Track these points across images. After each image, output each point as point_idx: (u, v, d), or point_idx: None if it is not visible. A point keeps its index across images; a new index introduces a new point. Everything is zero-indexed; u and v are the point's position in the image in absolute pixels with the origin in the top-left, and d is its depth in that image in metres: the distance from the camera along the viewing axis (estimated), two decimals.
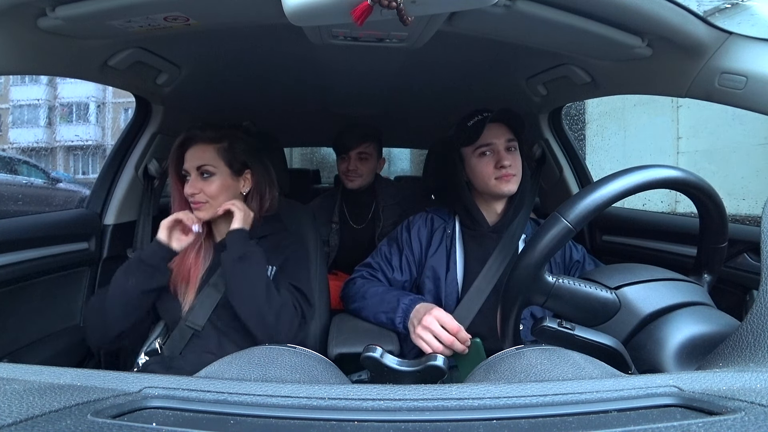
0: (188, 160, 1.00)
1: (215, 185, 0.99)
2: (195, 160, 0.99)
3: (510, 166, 1.02)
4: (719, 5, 1.96)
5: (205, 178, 0.99)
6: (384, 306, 1.00)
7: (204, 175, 0.99)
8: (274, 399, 0.34)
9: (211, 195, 0.98)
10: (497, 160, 1.03)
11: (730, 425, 0.27)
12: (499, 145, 1.03)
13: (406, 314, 0.96)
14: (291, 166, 3.16)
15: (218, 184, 0.99)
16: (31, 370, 0.37)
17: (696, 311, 0.61)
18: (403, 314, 0.97)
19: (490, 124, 1.02)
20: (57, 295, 1.14)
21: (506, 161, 1.02)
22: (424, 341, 0.89)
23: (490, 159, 1.04)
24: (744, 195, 3.27)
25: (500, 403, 0.33)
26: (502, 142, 1.04)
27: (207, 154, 0.99)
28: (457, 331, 0.89)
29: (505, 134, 1.04)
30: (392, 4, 0.54)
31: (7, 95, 13.84)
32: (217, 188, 0.99)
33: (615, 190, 0.62)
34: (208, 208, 0.99)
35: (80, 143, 13.89)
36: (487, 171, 1.04)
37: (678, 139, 4.94)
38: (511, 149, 1.05)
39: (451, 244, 1.09)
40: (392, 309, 0.98)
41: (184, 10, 0.75)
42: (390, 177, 2.58)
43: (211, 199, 0.99)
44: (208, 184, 0.99)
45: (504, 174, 1.03)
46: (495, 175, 1.03)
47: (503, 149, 1.04)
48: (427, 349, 0.89)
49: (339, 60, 1.13)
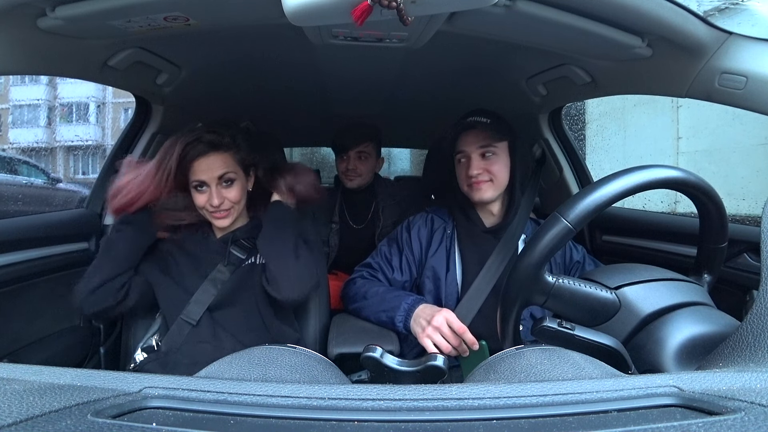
0: (205, 170, 0.95)
1: (237, 190, 0.99)
2: (216, 169, 0.95)
3: (479, 174, 1.03)
4: (719, 5, 1.96)
5: (227, 186, 0.98)
6: (384, 305, 1.00)
7: (225, 183, 0.97)
8: (274, 399, 0.34)
9: (235, 201, 0.99)
10: (467, 167, 1.04)
11: (730, 425, 0.27)
12: (470, 152, 1.04)
13: (408, 314, 0.96)
14: None
15: (239, 187, 1.00)
16: (31, 370, 0.37)
17: (696, 311, 0.61)
18: (405, 314, 0.96)
19: (465, 131, 1.03)
20: (57, 295, 1.14)
21: (474, 170, 1.03)
22: (432, 342, 0.90)
23: (464, 166, 1.06)
24: (744, 195, 3.27)
25: (500, 403, 0.33)
26: (474, 149, 1.04)
27: (227, 161, 0.97)
28: (464, 332, 0.90)
29: (479, 141, 1.04)
30: (392, 4, 0.54)
31: (7, 95, 13.85)
32: (239, 193, 1.00)
33: (615, 191, 0.62)
34: (233, 213, 1.00)
35: (80, 143, 13.88)
36: (463, 178, 1.06)
37: (678, 140, 4.94)
38: (487, 155, 1.04)
39: (450, 244, 1.09)
40: (393, 308, 0.98)
41: (184, 10, 0.75)
42: (390, 177, 2.58)
43: (236, 205, 0.99)
44: (231, 190, 0.98)
45: (473, 182, 1.03)
46: (467, 182, 1.05)
47: (477, 156, 1.04)
48: (434, 350, 0.89)
49: (339, 60, 1.13)
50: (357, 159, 1.58)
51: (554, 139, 1.54)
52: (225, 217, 0.98)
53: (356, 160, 1.58)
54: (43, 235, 1.06)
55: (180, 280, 1.01)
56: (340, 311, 1.15)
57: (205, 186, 0.96)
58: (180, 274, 1.01)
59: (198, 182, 0.96)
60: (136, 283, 0.98)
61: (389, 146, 2.89)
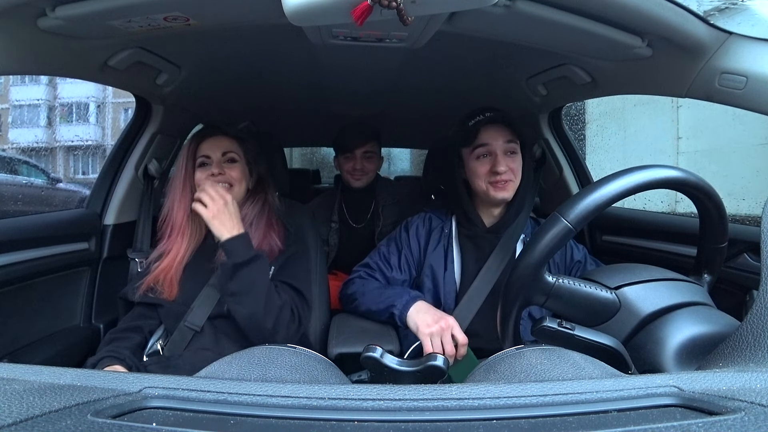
0: (211, 147, 1.03)
1: (238, 171, 1.03)
2: (220, 147, 1.03)
3: (505, 172, 0.99)
4: (719, 5, 1.96)
5: (230, 164, 1.02)
6: (383, 297, 1.00)
7: (228, 161, 1.02)
8: (274, 399, 0.34)
9: (235, 179, 1.02)
10: (493, 164, 1.00)
11: (730, 425, 0.27)
12: (497, 147, 1.00)
13: (407, 306, 0.95)
14: (291, 166, 3.16)
15: (240, 170, 1.03)
16: (31, 370, 0.37)
17: (696, 311, 0.61)
18: (404, 305, 0.95)
19: (489, 125, 1.00)
20: (57, 295, 1.14)
21: (501, 166, 0.99)
22: (431, 343, 0.89)
23: (487, 162, 1.01)
24: (744, 195, 3.27)
25: (500, 403, 0.33)
26: (500, 144, 1.00)
27: (231, 143, 1.04)
28: (464, 345, 0.90)
29: (505, 135, 1.01)
30: (392, 4, 0.54)
31: (7, 95, 13.83)
32: (239, 174, 1.03)
33: (615, 190, 0.62)
34: (230, 191, 1.00)
35: (80, 143, 13.87)
36: (482, 174, 1.02)
37: (678, 140, 4.94)
38: (511, 152, 1.02)
39: (448, 243, 1.09)
40: (392, 298, 0.97)
41: (184, 10, 0.75)
42: (390, 177, 2.58)
43: (235, 183, 1.02)
44: (233, 168, 1.02)
45: (498, 180, 1.00)
46: (489, 179, 1.01)
47: (501, 152, 1.00)
48: (430, 349, 0.89)
49: (339, 60, 1.13)
50: (364, 158, 1.58)
51: (554, 139, 1.54)
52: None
53: (363, 160, 1.58)
54: (43, 235, 1.06)
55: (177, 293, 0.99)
56: (340, 311, 1.15)
57: (209, 161, 1.02)
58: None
59: (203, 157, 1.02)
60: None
61: (389, 146, 2.89)
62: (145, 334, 0.99)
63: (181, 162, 1.04)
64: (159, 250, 1.02)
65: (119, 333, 0.98)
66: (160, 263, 1.00)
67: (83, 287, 1.22)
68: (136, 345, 0.97)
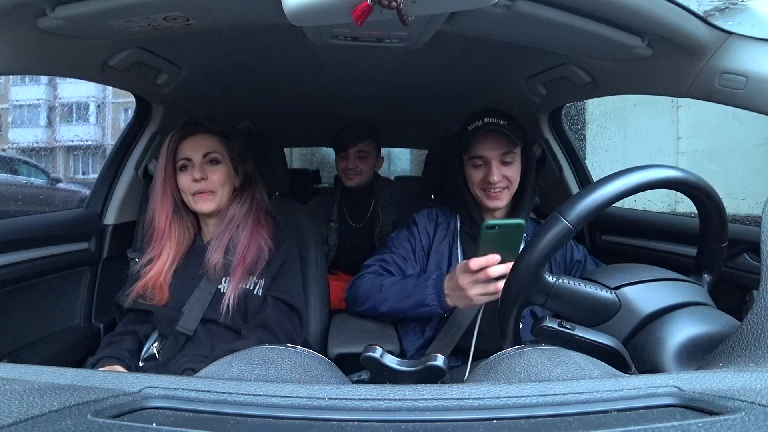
0: (191, 148, 0.96)
1: (222, 173, 0.98)
2: (201, 148, 0.97)
3: (499, 182, 1.00)
4: (719, 5, 1.96)
5: (212, 166, 0.97)
6: (408, 291, 0.96)
7: (210, 163, 0.97)
8: (274, 399, 0.34)
9: (218, 183, 0.97)
10: (486, 173, 1.01)
11: (730, 425, 0.27)
12: (492, 158, 1.00)
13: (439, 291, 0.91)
14: (291, 166, 3.16)
15: (224, 172, 0.98)
16: (31, 370, 0.37)
17: (696, 311, 0.61)
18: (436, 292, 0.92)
19: (486, 134, 0.99)
20: (57, 295, 1.14)
21: (495, 177, 0.99)
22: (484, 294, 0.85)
23: (481, 170, 1.02)
24: (744, 195, 3.26)
25: (500, 403, 0.33)
26: (496, 155, 1.00)
27: (213, 142, 0.98)
28: (485, 263, 0.83)
29: (501, 147, 1.00)
30: (392, 4, 0.53)
31: (7, 95, 13.81)
32: (223, 177, 0.98)
33: (615, 190, 0.62)
34: (214, 199, 0.97)
35: (80, 143, 13.86)
36: (476, 182, 1.03)
37: (678, 140, 4.93)
38: (508, 161, 1.02)
39: (453, 240, 1.10)
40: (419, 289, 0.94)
41: (184, 10, 0.75)
42: (390, 177, 2.58)
43: (219, 188, 0.97)
44: (215, 171, 0.97)
45: (491, 191, 1.01)
46: (482, 187, 1.03)
47: (496, 162, 1.00)
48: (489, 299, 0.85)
49: (339, 60, 1.13)
50: (357, 158, 1.58)
51: (554, 139, 1.54)
52: (207, 199, 0.97)
53: (356, 159, 1.58)
54: (43, 235, 1.06)
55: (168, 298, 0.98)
56: (340, 311, 1.15)
57: (190, 164, 0.97)
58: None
59: (184, 160, 0.97)
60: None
61: (389, 146, 2.89)
62: (140, 338, 0.99)
63: (161, 163, 0.98)
64: (148, 256, 1.00)
65: (116, 336, 0.98)
66: (149, 269, 0.98)
67: (83, 287, 1.22)
68: (133, 348, 0.96)
